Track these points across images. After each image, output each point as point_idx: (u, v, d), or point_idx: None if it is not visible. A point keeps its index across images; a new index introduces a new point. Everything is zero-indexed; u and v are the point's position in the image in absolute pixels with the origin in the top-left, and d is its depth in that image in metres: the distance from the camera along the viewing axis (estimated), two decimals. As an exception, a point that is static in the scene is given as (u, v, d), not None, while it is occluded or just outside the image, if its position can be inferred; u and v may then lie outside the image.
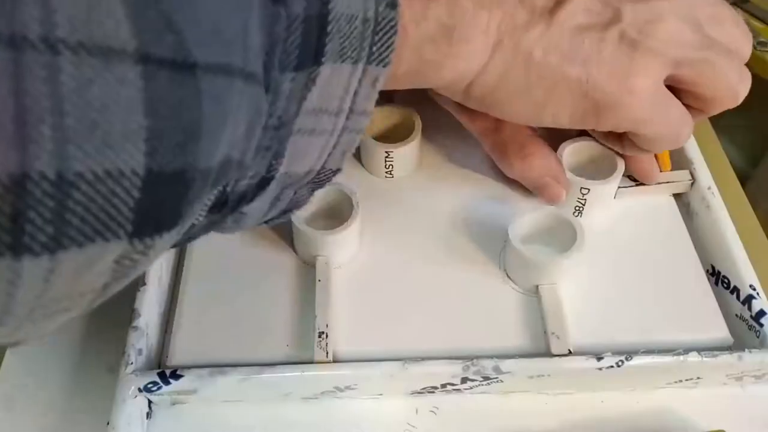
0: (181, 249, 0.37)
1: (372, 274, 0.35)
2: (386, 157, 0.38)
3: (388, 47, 0.22)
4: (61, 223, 0.13)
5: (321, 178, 0.24)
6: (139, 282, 0.32)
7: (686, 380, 0.32)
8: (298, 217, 0.34)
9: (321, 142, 0.22)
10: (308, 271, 0.35)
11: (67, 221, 0.13)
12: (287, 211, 0.25)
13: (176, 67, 0.14)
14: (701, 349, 0.31)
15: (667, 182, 0.38)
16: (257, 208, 0.23)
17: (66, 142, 0.12)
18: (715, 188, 0.37)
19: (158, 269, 0.34)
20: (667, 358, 0.31)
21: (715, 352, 0.31)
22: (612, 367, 0.30)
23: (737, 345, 0.33)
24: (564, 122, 0.31)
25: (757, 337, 0.33)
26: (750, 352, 0.31)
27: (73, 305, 0.16)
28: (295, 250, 0.36)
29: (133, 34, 0.13)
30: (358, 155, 0.40)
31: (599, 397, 0.33)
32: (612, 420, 0.32)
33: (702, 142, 0.40)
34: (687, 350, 0.31)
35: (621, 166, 0.36)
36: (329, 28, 0.20)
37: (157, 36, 0.13)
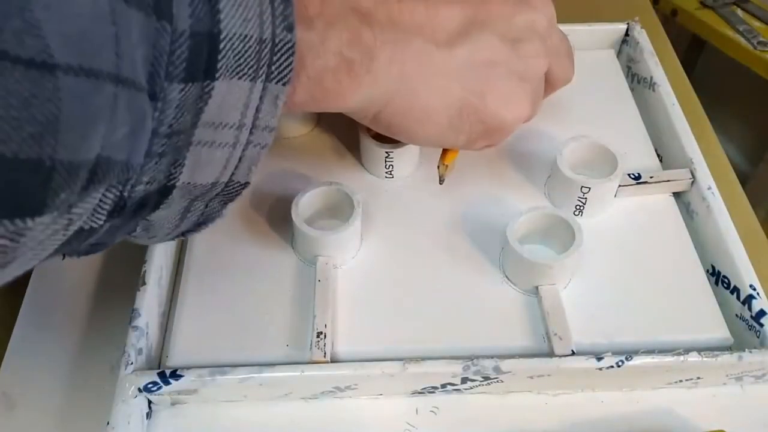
0: (181, 249, 0.37)
1: (372, 274, 0.35)
2: (386, 157, 0.38)
3: (286, 67, 0.23)
4: None
5: (230, 190, 0.25)
6: (139, 282, 0.32)
7: (686, 380, 0.32)
8: (298, 217, 0.34)
9: (224, 155, 0.23)
10: (308, 271, 0.35)
11: None
12: (201, 224, 0.27)
13: (33, 65, 0.15)
14: (701, 349, 0.31)
15: (667, 181, 0.38)
16: (165, 217, 0.24)
17: None
18: (715, 188, 0.37)
19: (158, 269, 0.34)
20: (667, 358, 0.31)
21: (715, 352, 0.31)
22: (612, 367, 0.30)
23: (737, 345, 0.33)
24: (460, 144, 0.34)
25: (757, 337, 0.33)
26: (750, 352, 0.31)
27: None
28: (295, 250, 0.36)
29: None
30: (358, 155, 0.40)
31: (599, 397, 0.33)
32: (612, 420, 0.32)
33: (702, 142, 0.40)
34: (687, 350, 0.31)
35: (621, 164, 0.36)
36: (221, 46, 0.21)
37: (17, 38, 0.15)
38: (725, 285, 0.35)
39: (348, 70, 0.27)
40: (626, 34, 0.47)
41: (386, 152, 0.38)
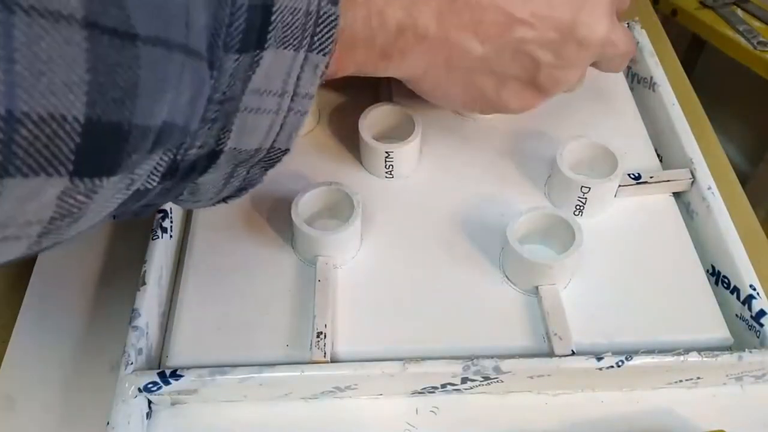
0: (181, 249, 0.37)
1: (372, 274, 0.35)
2: (386, 157, 0.38)
3: (328, 38, 0.24)
4: (8, 153, 0.15)
5: (271, 157, 0.26)
6: (139, 282, 0.32)
7: (686, 380, 0.32)
8: (298, 217, 0.34)
9: (267, 121, 0.24)
10: (308, 271, 0.35)
11: (14, 152, 0.15)
12: (242, 189, 0.28)
13: (118, 35, 0.16)
14: (701, 349, 0.31)
15: (667, 181, 0.38)
16: (211, 181, 0.25)
17: (14, 85, 0.15)
18: (715, 188, 0.37)
19: (158, 269, 0.34)
20: (667, 358, 0.31)
21: (715, 352, 0.31)
22: (612, 367, 0.30)
23: (737, 345, 0.33)
24: (470, 111, 0.41)
25: (757, 337, 0.33)
26: (750, 352, 0.31)
27: (21, 233, 0.18)
28: (295, 250, 0.36)
29: (83, 5, 0.15)
30: (358, 155, 0.40)
31: (599, 397, 0.33)
32: (612, 420, 0.32)
33: (702, 142, 0.40)
34: (687, 350, 0.31)
35: (621, 164, 0.36)
36: (273, 18, 0.22)
37: (104, 9, 0.16)
38: (725, 285, 0.35)
39: (380, 53, 0.30)
40: (626, 34, 0.47)
41: (386, 152, 0.38)
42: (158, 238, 0.34)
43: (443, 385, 0.32)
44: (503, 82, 0.34)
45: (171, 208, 0.36)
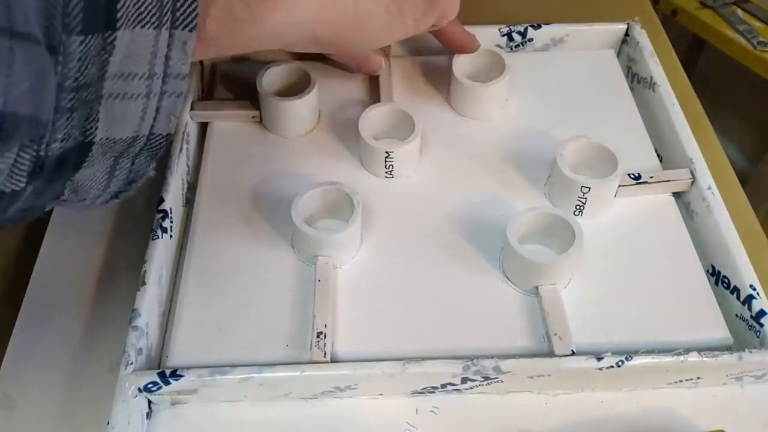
0: (181, 249, 0.37)
1: (372, 274, 0.35)
2: (386, 157, 0.38)
3: (191, 12, 0.23)
4: None
5: (153, 144, 0.25)
6: (139, 282, 0.32)
7: (686, 380, 0.32)
8: (299, 217, 0.34)
9: (139, 106, 0.23)
10: (308, 271, 0.35)
11: None
12: (131, 182, 0.26)
13: None
14: (701, 349, 0.31)
15: (667, 181, 0.38)
16: (90, 177, 0.24)
17: None
18: (715, 188, 0.37)
19: (158, 269, 0.34)
20: (667, 358, 0.31)
21: (715, 352, 0.31)
22: (612, 367, 0.30)
23: (737, 345, 0.33)
24: (410, 30, 0.36)
25: (757, 337, 0.33)
26: (750, 352, 0.31)
27: None
28: (295, 250, 0.36)
29: None
30: (358, 155, 0.40)
31: (599, 397, 0.33)
32: (612, 420, 0.32)
33: (702, 142, 0.40)
34: (687, 350, 0.31)
35: (621, 164, 0.36)
36: None
37: None
38: (725, 285, 0.35)
39: None
40: (626, 34, 0.47)
41: (386, 152, 0.38)
42: (158, 238, 0.34)
43: (443, 385, 0.32)
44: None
45: (171, 208, 0.36)
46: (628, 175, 0.38)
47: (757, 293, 0.33)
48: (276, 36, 0.30)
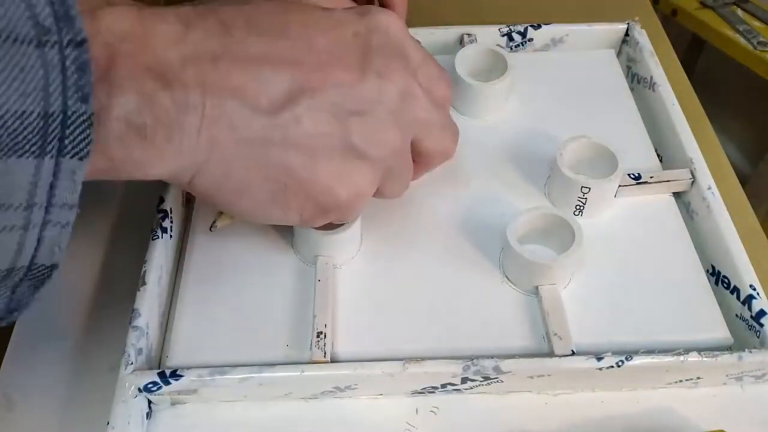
0: (181, 249, 0.37)
1: (372, 274, 0.35)
2: (386, 157, 0.38)
3: (83, 140, 0.21)
4: None
5: (36, 275, 0.23)
6: (139, 282, 0.32)
7: (686, 380, 0.32)
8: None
9: (14, 238, 0.21)
10: (308, 271, 0.35)
11: None
12: (13, 311, 0.24)
13: None
14: (701, 349, 0.31)
15: (667, 181, 0.38)
16: None
17: None
18: (715, 188, 0.37)
19: (158, 269, 0.34)
20: (667, 358, 0.31)
21: (715, 352, 0.31)
22: (612, 367, 0.30)
23: (737, 345, 0.33)
24: (295, 222, 0.31)
25: (757, 337, 0.33)
26: (750, 352, 0.31)
27: None
28: (295, 250, 0.36)
29: None
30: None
31: (599, 397, 0.33)
32: (612, 420, 0.32)
33: (702, 142, 0.40)
34: (687, 350, 0.31)
35: (621, 164, 0.36)
36: None
37: None
38: (725, 285, 0.35)
39: (139, 138, 0.24)
40: (626, 34, 0.47)
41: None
42: (158, 238, 0.34)
43: (443, 385, 0.32)
44: (313, 154, 0.28)
45: (171, 208, 0.36)
46: (628, 175, 0.38)
47: (757, 293, 0.33)
48: (160, 177, 0.27)
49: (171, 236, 0.36)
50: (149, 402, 0.31)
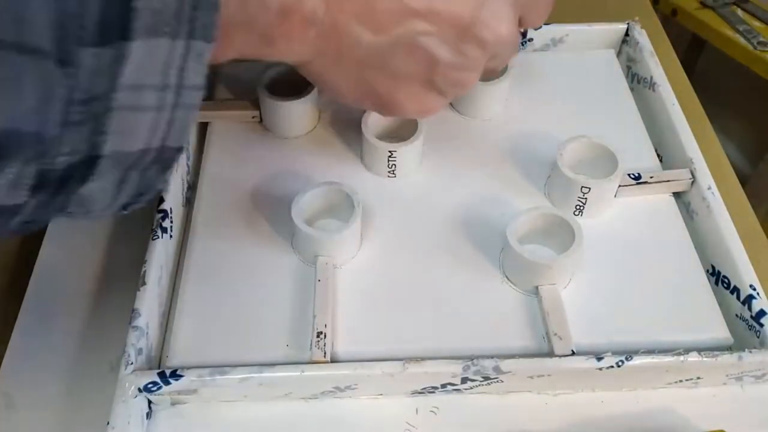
0: (181, 249, 0.37)
1: (372, 274, 0.35)
2: (389, 156, 0.38)
3: (210, 23, 0.22)
4: None
5: (164, 157, 0.24)
6: (139, 282, 0.32)
7: (686, 380, 0.32)
8: (298, 217, 0.34)
9: (150, 118, 0.22)
10: (308, 271, 0.35)
11: None
12: (140, 194, 0.25)
13: None
14: (701, 349, 0.31)
15: (667, 181, 0.38)
16: (99, 189, 0.23)
17: None
18: (715, 188, 0.37)
19: (158, 269, 0.34)
20: (667, 358, 0.31)
21: (715, 352, 0.31)
22: (612, 367, 0.30)
23: (737, 345, 0.33)
24: (358, 107, 0.35)
25: (757, 337, 0.33)
26: (750, 352, 0.31)
27: None
28: (295, 250, 0.36)
29: None
30: (359, 155, 0.40)
31: (599, 397, 0.33)
32: (612, 420, 0.32)
33: (702, 142, 0.40)
34: (687, 350, 0.31)
35: (621, 164, 0.36)
36: (138, 5, 0.20)
37: None
38: (725, 285, 0.35)
39: (264, 41, 0.28)
40: (626, 34, 0.47)
41: (390, 152, 0.38)
42: (158, 238, 0.34)
43: (443, 385, 0.32)
44: (397, 80, 0.32)
45: (171, 208, 0.36)
46: (628, 175, 0.38)
47: (757, 293, 0.33)
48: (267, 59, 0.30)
49: (171, 236, 0.36)
50: (149, 402, 0.31)
